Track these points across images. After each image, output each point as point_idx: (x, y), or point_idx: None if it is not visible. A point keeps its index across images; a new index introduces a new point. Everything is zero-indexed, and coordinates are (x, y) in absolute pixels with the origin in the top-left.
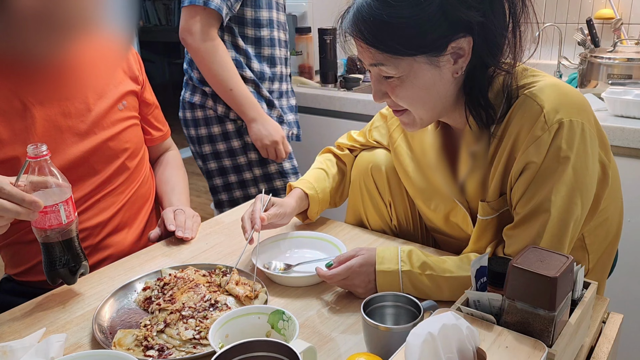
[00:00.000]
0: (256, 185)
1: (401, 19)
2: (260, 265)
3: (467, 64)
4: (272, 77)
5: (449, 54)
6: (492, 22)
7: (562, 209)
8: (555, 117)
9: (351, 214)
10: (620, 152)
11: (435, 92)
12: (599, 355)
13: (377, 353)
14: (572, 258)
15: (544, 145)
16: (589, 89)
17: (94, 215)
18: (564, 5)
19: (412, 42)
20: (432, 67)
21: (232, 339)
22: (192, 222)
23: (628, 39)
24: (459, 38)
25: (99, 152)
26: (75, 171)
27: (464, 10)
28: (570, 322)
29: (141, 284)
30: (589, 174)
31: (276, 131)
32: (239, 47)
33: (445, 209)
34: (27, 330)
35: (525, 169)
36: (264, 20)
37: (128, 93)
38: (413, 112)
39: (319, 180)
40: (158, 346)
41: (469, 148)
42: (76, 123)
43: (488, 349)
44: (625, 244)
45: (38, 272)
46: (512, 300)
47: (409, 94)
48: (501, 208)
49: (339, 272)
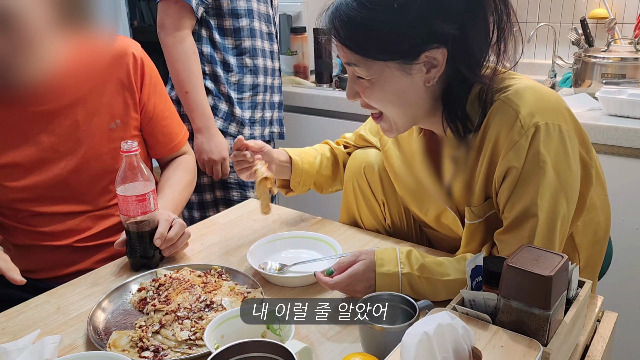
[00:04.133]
0: (212, 191)
1: (376, 23)
2: (256, 265)
3: (441, 75)
4: (255, 69)
5: (421, 62)
6: (470, 36)
7: (549, 212)
8: (531, 121)
9: (345, 214)
10: (614, 151)
11: (406, 99)
12: (594, 354)
13: (373, 353)
14: (567, 257)
15: (523, 149)
16: (583, 89)
17: (81, 229)
18: (558, 5)
19: (384, 47)
20: (404, 74)
21: (227, 339)
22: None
23: (622, 39)
24: (432, 48)
25: (82, 173)
26: (55, 190)
27: (440, 22)
28: (565, 321)
29: (136, 285)
30: (572, 174)
31: (218, 150)
32: (216, 42)
33: (436, 212)
34: (22, 331)
35: (507, 174)
36: (241, 10)
37: (123, 109)
38: (386, 117)
39: (307, 154)
40: (153, 347)
41: (451, 154)
42: (61, 140)
43: (483, 348)
44: (619, 243)
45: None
46: (507, 300)
47: (379, 97)
48: (488, 212)
49: (342, 281)
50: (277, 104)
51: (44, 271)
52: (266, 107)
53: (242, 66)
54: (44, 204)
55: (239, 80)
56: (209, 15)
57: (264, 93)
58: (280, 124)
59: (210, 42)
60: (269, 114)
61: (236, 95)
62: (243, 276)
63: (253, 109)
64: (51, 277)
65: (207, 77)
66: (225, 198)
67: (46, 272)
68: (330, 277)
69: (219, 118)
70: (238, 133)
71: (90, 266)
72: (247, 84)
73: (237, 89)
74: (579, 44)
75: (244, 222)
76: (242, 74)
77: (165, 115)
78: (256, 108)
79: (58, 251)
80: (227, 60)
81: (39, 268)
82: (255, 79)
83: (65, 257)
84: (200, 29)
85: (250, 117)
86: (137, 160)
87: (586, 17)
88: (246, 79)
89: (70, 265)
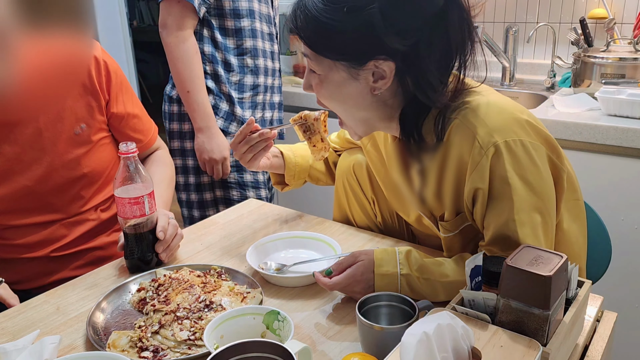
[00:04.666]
0: (212, 190)
1: (327, 21)
2: (256, 265)
3: (394, 89)
4: (256, 69)
5: (369, 70)
6: (423, 57)
7: (529, 226)
8: (490, 141)
9: (337, 212)
10: (613, 151)
11: (352, 102)
12: (593, 354)
13: (372, 353)
14: (566, 257)
15: (485, 170)
16: (582, 89)
17: (56, 238)
18: (557, 5)
19: (332, 46)
20: (349, 76)
21: (227, 339)
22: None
23: (621, 39)
24: (380, 59)
25: (48, 181)
26: (24, 201)
27: (390, 35)
28: (565, 320)
29: (135, 285)
30: (544, 183)
31: (219, 150)
32: (217, 42)
33: (416, 214)
34: (21, 332)
35: (476, 194)
36: (243, 10)
37: (87, 112)
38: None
39: (299, 148)
40: (153, 347)
41: (416, 164)
42: (25, 150)
43: (483, 348)
44: (619, 243)
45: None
46: (506, 300)
47: (326, 95)
48: (461, 225)
49: (340, 281)
50: (277, 105)
51: (24, 282)
52: (266, 107)
53: (243, 66)
54: (15, 216)
55: (239, 80)
56: (211, 15)
57: (264, 93)
58: (280, 124)
59: (211, 42)
60: (269, 114)
61: (237, 95)
62: (242, 276)
63: (253, 109)
64: (33, 288)
65: (209, 77)
66: (225, 197)
67: (26, 283)
68: (329, 277)
69: (219, 117)
70: None
71: (71, 274)
72: (248, 84)
73: (238, 88)
74: (578, 44)
75: (244, 222)
76: (243, 74)
77: (135, 113)
78: (256, 108)
79: (36, 262)
80: (229, 60)
81: (20, 279)
82: (256, 79)
83: (44, 267)
84: (202, 28)
85: (251, 116)
86: (135, 162)
87: (585, 17)
88: (247, 79)
89: (50, 275)
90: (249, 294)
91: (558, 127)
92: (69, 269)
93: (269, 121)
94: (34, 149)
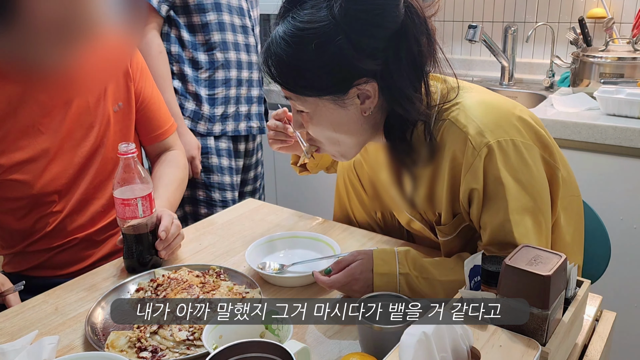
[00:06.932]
0: (195, 188)
1: (299, 62)
2: (255, 265)
3: (376, 105)
4: (226, 63)
5: (353, 96)
6: (393, 72)
7: (524, 225)
8: (482, 141)
9: (338, 210)
10: (612, 150)
11: (346, 130)
12: (592, 354)
13: (371, 353)
14: (565, 257)
15: (478, 170)
16: (581, 88)
17: (90, 216)
18: (556, 4)
19: (310, 84)
20: (338, 107)
21: (225, 340)
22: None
23: (620, 38)
24: (361, 83)
25: (94, 158)
26: (71, 174)
27: (363, 59)
28: (564, 320)
29: (134, 285)
30: (537, 182)
31: (187, 149)
32: (184, 41)
33: (406, 217)
34: (19, 332)
35: (471, 195)
36: (208, 4)
37: (125, 93)
38: (328, 149)
39: None
40: (151, 347)
41: (407, 170)
42: (76, 127)
43: (482, 348)
44: (618, 243)
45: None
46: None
47: (320, 129)
48: (458, 227)
49: (340, 280)
50: (257, 98)
51: (68, 266)
52: (241, 101)
53: (213, 61)
54: (70, 199)
55: (210, 77)
56: (178, 13)
57: (237, 87)
58: (260, 118)
59: (178, 42)
60: (244, 108)
61: (207, 92)
62: (241, 276)
63: (226, 104)
64: (71, 272)
65: (175, 77)
66: (192, 197)
67: (68, 267)
68: (328, 276)
69: (186, 117)
70: (207, 130)
71: (92, 265)
72: (220, 79)
73: (209, 85)
74: (577, 44)
75: (243, 222)
76: (213, 69)
77: (154, 100)
78: (229, 103)
79: (81, 244)
80: (197, 57)
81: (68, 262)
82: (228, 73)
83: (82, 251)
84: (170, 28)
85: (223, 112)
86: (135, 162)
87: (584, 17)
88: (218, 73)
89: (87, 259)
90: (247, 294)
91: (557, 126)
92: (103, 252)
93: (245, 115)
94: (83, 126)
